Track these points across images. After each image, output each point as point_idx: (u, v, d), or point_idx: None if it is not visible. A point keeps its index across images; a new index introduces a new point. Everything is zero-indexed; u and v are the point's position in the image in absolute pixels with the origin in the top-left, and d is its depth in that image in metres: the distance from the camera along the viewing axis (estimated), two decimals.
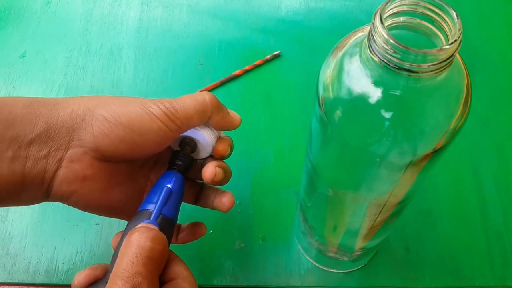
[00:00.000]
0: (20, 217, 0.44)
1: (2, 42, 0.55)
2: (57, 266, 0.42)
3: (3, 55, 0.54)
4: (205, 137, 0.34)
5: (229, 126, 0.35)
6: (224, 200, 0.36)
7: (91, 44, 0.54)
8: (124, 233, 0.31)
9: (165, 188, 0.33)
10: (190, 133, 0.34)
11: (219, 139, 0.35)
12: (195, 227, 0.37)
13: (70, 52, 0.54)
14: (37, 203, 0.33)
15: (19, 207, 0.44)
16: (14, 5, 0.57)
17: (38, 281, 0.41)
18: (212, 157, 0.36)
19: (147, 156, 0.35)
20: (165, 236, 0.30)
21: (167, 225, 0.32)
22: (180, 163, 0.34)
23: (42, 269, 0.42)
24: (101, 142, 0.31)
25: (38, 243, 0.43)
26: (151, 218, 0.31)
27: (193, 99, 0.33)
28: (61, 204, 0.44)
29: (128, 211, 0.34)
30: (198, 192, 0.38)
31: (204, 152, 0.36)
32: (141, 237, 0.29)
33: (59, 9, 0.57)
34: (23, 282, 0.41)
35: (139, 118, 0.31)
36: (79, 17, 0.56)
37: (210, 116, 0.33)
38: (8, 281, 0.41)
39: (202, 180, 0.35)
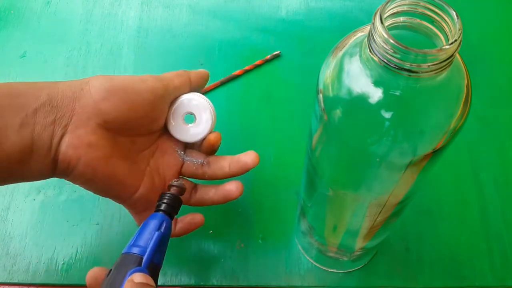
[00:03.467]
0: (20, 217, 0.44)
1: (2, 42, 0.55)
2: (57, 266, 0.42)
3: (3, 55, 0.54)
4: (201, 100, 0.38)
5: (203, 78, 0.40)
6: (233, 186, 0.38)
7: (91, 44, 0.54)
8: (110, 274, 0.30)
9: (155, 234, 0.32)
10: (188, 105, 0.38)
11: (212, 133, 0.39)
12: (190, 218, 0.38)
13: (70, 52, 0.54)
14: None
15: (19, 206, 0.44)
16: (14, 5, 0.57)
17: (38, 281, 0.41)
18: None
19: (147, 119, 0.36)
20: None
21: (155, 272, 0.32)
22: (167, 203, 0.34)
23: (42, 269, 0.42)
24: (102, 105, 0.33)
25: (38, 243, 0.43)
26: (142, 266, 0.30)
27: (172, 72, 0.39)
28: (61, 204, 0.44)
29: (130, 190, 0.36)
30: (191, 191, 0.39)
31: (203, 125, 0.38)
32: None
33: (59, 9, 0.57)
34: (23, 282, 0.41)
35: (132, 82, 0.35)
36: (79, 17, 0.56)
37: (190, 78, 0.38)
38: (8, 281, 0.41)
39: (198, 159, 0.39)
